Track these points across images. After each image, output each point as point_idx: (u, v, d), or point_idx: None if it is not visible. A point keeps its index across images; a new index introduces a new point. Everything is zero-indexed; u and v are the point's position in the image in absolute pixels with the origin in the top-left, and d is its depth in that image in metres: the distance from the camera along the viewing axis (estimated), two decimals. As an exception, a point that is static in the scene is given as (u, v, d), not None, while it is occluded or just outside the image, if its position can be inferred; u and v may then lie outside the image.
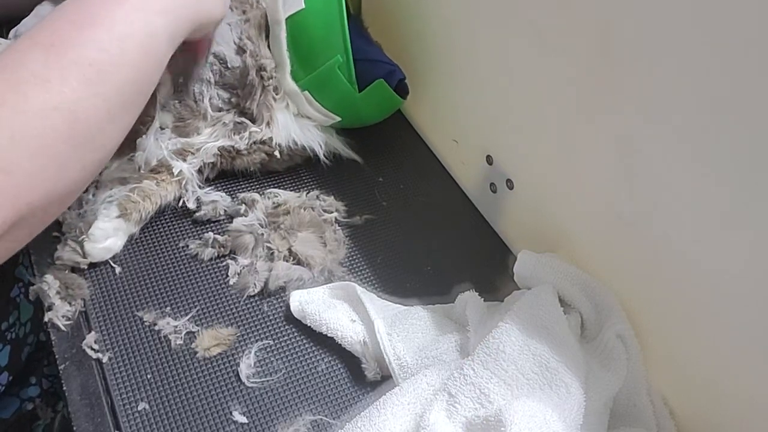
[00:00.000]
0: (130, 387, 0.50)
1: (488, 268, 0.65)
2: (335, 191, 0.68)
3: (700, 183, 0.45)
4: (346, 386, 0.54)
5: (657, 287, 0.51)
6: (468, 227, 0.69)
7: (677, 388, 0.51)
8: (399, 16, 0.76)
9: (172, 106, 0.62)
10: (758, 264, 0.43)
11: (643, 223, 0.51)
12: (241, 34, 0.65)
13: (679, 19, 0.43)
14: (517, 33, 0.58)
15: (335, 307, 0.56)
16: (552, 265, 0.55)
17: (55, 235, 0.57)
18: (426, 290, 0.61)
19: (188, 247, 0.60)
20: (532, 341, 0.49)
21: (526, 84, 0.59)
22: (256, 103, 0.64)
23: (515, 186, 0.64)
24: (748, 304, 0.44)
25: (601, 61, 0.50)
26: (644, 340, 0.52)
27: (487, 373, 0.47)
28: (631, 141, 0.50)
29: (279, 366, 0.54)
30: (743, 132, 0.41)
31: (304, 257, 0.59)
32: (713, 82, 0.42)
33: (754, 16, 0.39)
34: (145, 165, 0.60)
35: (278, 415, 0.51)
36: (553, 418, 0.44)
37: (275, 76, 0.66)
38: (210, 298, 0.57)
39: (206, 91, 0.63)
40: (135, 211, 0.58)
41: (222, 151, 0.64)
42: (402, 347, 0.52)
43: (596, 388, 0.50)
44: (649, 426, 0.51)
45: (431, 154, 0.77)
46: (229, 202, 0.64)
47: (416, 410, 0.47)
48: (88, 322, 0.53)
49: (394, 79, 0.68)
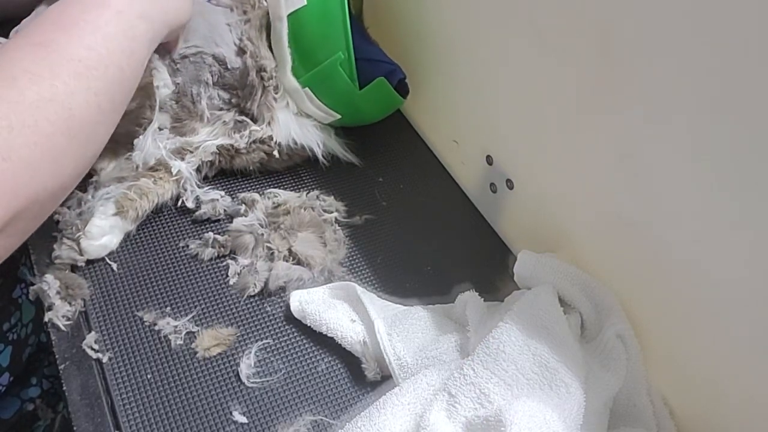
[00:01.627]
0: (130, 387, 0.50)
1: (488, 268, 0.65)
2: (335, 191, 0.68)
3: (700, 183, 0.45)
4: (346, 386, 0.54)
5: (657, 287, 0.51)
6: (468, 227, 0.69)
7: (677, 388, 0.51)
8: (399, 17, 0.76)
9: (169, 107, 0.62)
10: (758, 264, 0.43)
11: (643, 223, 0.51)
12: (242, 35, 0.65)
13: (679, 19, 0.43)
14: (517, 33, 0.58)
15: (335, 307, 0.56)
16: (552, 265, 0.55)
17: (54, 235, 0.57)
18: (426, 290, 0.61)
19: (188, 247, 0.60)
20: (532, 341, 0.49)
21: (526, 84, 0.59)
22: (257, 103, 0.64)
23: (515, 186, 0.64)
24: (748, 304, 0.44)
25: (601, 61, 0.50)
26: (644, 340, 0.52)
27: (487, 373, 0.47)
28: (632, 141, 0.50)
29: (279, 366, 0.54)
30: (743, 132, 0.41)
31: (304, 257, 0.59)
32: (713, 82, 0.42)
33: (754, 16, 0.39)
34: (143, 165, 0.60)
35: (278, 415, 0.51)
36: (553, 418, 0.44)
37: (275, 76, 0.66)
38: (210, 298, 0.57)
39: (204, 93, 0.63)
40: (132, 208, 0.58)
41: (221, 149, 0.64)
42: (402, 347, 0.52)
43: (596, 388, 0.50)
44: (649, 426, 0.51)
45: (431, 154, 0.77)
46: (229, 201, 0.64)
47: (416, 410, 0.47)
48: (88, 322, 0.53)
49: (395, 78, 0.68)
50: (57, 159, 0.43)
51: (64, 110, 0.43)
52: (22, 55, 0.43)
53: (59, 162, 0.43)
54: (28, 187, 0.41)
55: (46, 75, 0.43)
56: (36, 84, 0.42)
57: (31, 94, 0.41)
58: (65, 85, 0.43)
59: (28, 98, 0.41)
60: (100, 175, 0.60)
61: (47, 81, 0.42)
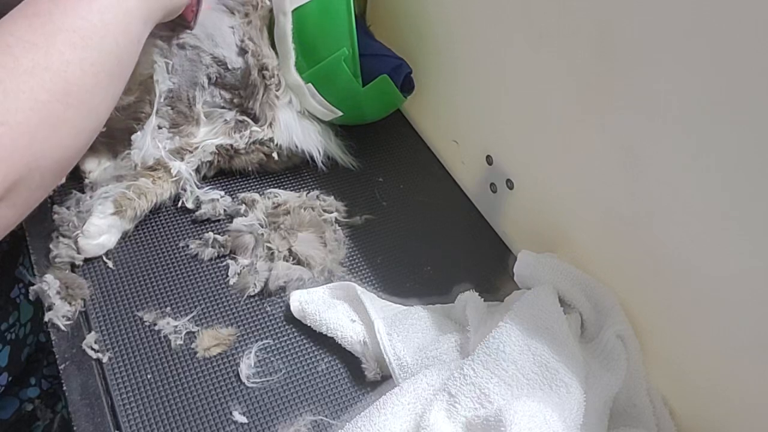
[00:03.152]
0: (130, 387, 0.50)
1: (488, 268, 0.65)
2: (335, 191, 0.68)
3: (700, 183, 0.45)
4: (346, 386, 0.54)
5: (657, 287, 0.51)
6: (468, 227, 0.69)
7: (677, 388, 0.51)
8: (401, 17, 0.76)
9: (165, 113, 0.62)
10: (758, 264, 0.43)
11: (643, 223, 0.51)
12: (243, 36, 0.65)
13: (679, 19, 0.43)
14: (518, 34, 0.58)
15: (335, 307, 0.56)
16: (552, 265, 0.55)
17: (54, 235, 0.57)
18: (426, 290, 0.61)
19: (188, 247, 0.60)
20: (532, 341, 0.49)
21: (527, 84, 0.59)
22: (259, 102, 0.64)
23: (515, 186, 0.64)
24: (748, 304, 0.44)
25: (601, 61, 0.50)
26: (644, 340, 0.52)
27: (487, 373, 0.47)
28: (631, 141, 0.50)
29: (279, 366, 0.54)
30: (743, 132, 0.41)
31: (304, 257, 0.59)
32: (713, 82, 0.42)
33: (754, 16, 0.39)
34: (141, 164, 0.60)
35: (278, 415, 0.51)
36: (553, 417, 0.44)
37: (277, 74, 0.66)
38: (210, 298, 0.57)
39: (200, 96, 0.63)
40: (130, 208, 0.58)
41: (220, 149, 0.64)
42: (402, 347, 0.52)
43: (596, 388, 0.50)
44: (649, 426, 0.51)
45: (431, 154, 0.77)
46: (228, 201, 0.64)
47: (416, 410, 0.47)
48: (88, 322, 0.53)
49: (402, 73, 0.68)
50: (55, 126, 0.43)
51: (59, 79, 0.43)
52: (17, 26, 0.43)
53: (57, 130, 0.43)
54: (27, 152, 0.41)
55: (41, 44, 0.43)
56: (31, 52, 0.42)
57: (26, 62, 0.42)
58: (60, 54, 0.43)
59: (23, 65, 0.41)
60: (99, 176, 0.60)
61: (42, 49, 0.43)
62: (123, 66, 0.50)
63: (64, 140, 0.45)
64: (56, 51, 0.43)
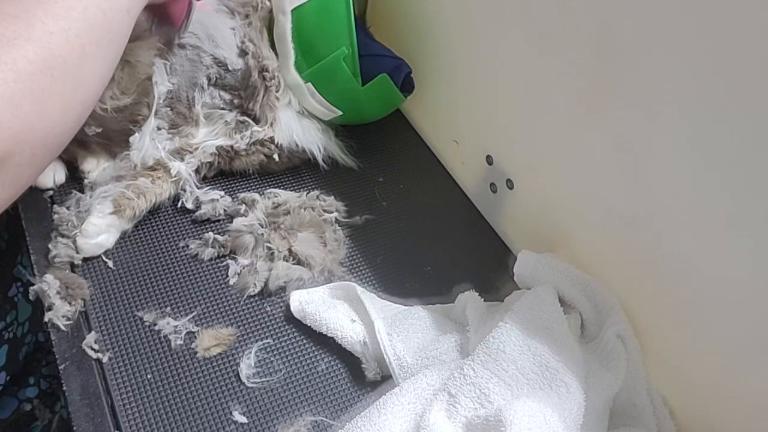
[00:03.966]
0: (130, 387, 0.50)
1: (488, 268, 0.65)
2: (335, 191, 0.68)
3: (700, 183, 0.45)
4: (346, 386, 0.53)
5: (657, 287, 0.51)
6: (468, 227, 0.69)
7: (677, 388, 0.51)
8: (401, 17, 0.76)
9: (164, 114, 0.62)
10: (758, 264, 0.43)
11: (643, 223, 0.51)
12: (244, 37, 0.65)
13: (679, 19, 0.43)
14: (518, 34, 0.58)
15: (335, 307, 0.56)
16: (552, 265, 0.55)
17: (53, 234, 0.57)
18: (426, 290, 0.61)
19: (188, 247, 0.60)
20: (532, 341, 0.49)
21: (527, 84, 0.59)
22: (259, 103, 0.64)
23: (515, 186, 0.64)
24: (748, 304, 0.44)
25: (601, 61, 0.50)
26: (644, 340, 0.52)
27: (487, 373, 0.47)
28: (631, 141, 0.50)
29: (279, 366, 0.54)
30: (743, 132, 0.42)
31: (304, 257, 0.59)
32: (713, 82, 0.42)
33: (754, 16, 0.39)
34: (141, 164, 0.60)
35: (278, 415, 0.51)
36: (553, 417, 0.44)
37: (277, 75, 0.66)
38: (210, 298, 0.57)
39: (199, 97, 0.63)
40: (129, 207, 0.58)
41: (220, 150, 0.64)
42: (402, 347, 0.52)
43: (596, 388, 0.50)
44: (649, 426, 0.51)
45: (431, 154, 0.77)
46: (228, 201, 0.64)
47: (416, 410, 0.47)
48: (88, 322, 0.53)
49: (401, 73, 0.68)
50: (40, 98, 0.42)
51: (43, 50, 0.42)
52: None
53: (43, 102, 0.43)
54: (12, 124, 0.40)
55: (23, 15, 0.42)
56: (12, 24, 0.41)
57: (8, 33, 0.41)
58: (43, 24, 0.42)
59: (5, 36, 0.41)
60: (99, 176, 0.60)
61: (23, 20, 0.42)
62: (113, 38, 0.49)
63: (52, 114, 0.43)
64: (38, 21, 0.42)
